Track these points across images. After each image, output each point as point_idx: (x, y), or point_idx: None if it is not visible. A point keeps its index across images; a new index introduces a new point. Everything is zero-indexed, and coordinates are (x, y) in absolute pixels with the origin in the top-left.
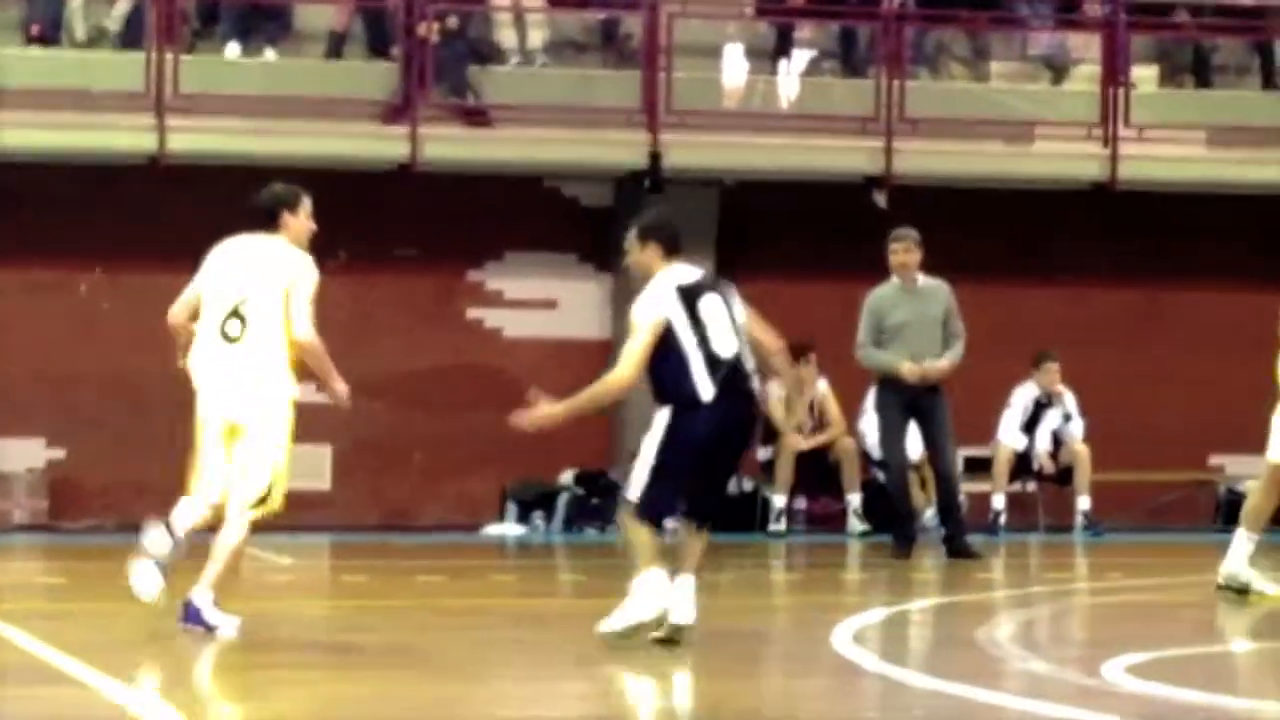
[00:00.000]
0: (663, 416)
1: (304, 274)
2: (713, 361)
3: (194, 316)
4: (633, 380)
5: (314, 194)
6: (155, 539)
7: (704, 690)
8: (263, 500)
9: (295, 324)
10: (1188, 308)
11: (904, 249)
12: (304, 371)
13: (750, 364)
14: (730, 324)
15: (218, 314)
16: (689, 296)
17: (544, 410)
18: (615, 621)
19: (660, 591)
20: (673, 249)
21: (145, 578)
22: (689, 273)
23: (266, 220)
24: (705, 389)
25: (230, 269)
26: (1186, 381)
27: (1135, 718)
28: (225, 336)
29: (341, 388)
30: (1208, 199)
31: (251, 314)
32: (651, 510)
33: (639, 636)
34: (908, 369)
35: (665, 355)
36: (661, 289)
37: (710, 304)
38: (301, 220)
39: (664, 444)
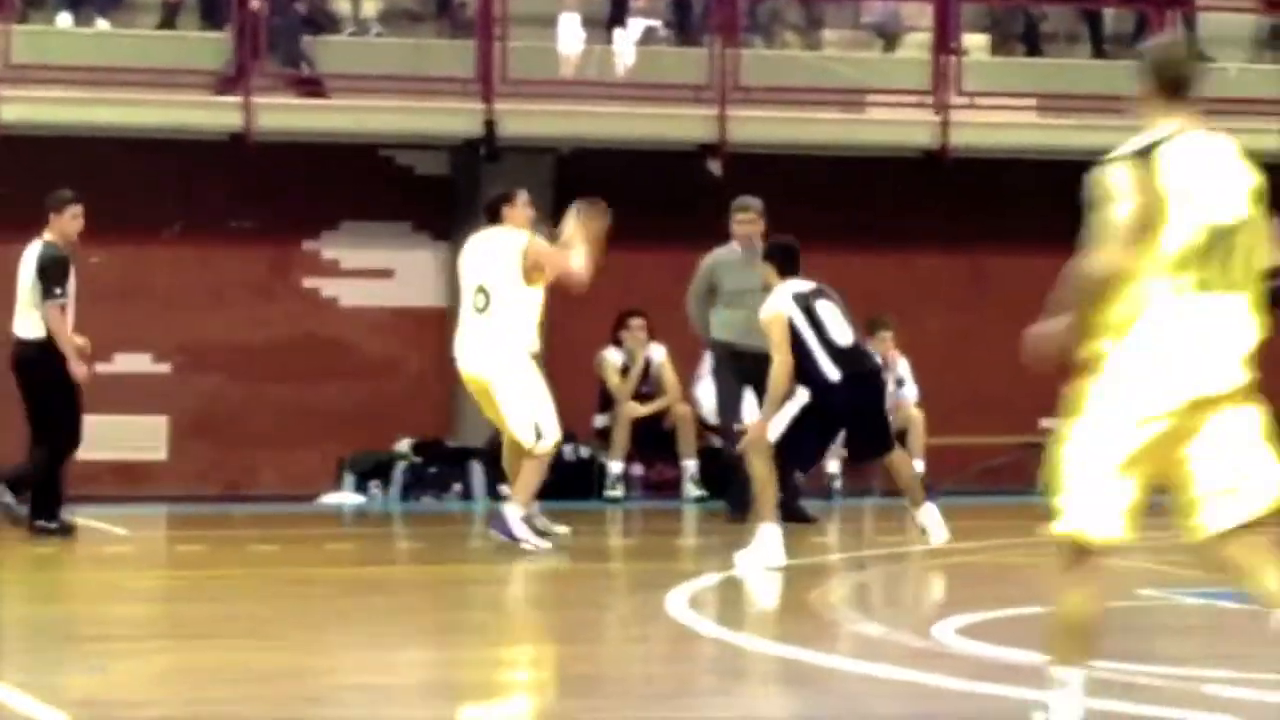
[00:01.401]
0: (804, 392)
1: (524, 243)
2: (833, 349)
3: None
4: (789, 365)
5: (146, 165)
6: (511, 511)
7: (541, 655)
8: (535, 436)
9: (573, 268)
10: (1018, 273)
11: (748, 219)
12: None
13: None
14: (844, 319)
15: (469, 292)
16: (805, 300)
17: (756, 429)
18: (748, 563)
19: (779, 541)
20: (786, 267)
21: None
22: (803, 284)
23: (492, 215)
24: (832, 372)
25: (474, 256)
26: (1017, 346)
27: (966, 678)
28: (476, 309)
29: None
30: (1038, 165)
31: (492, 290)
32: (788, 451)
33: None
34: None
35: (794, 347)
36: (779, 296)
37: (825, 305)
38: (519, 210)
39: (805, 408)
